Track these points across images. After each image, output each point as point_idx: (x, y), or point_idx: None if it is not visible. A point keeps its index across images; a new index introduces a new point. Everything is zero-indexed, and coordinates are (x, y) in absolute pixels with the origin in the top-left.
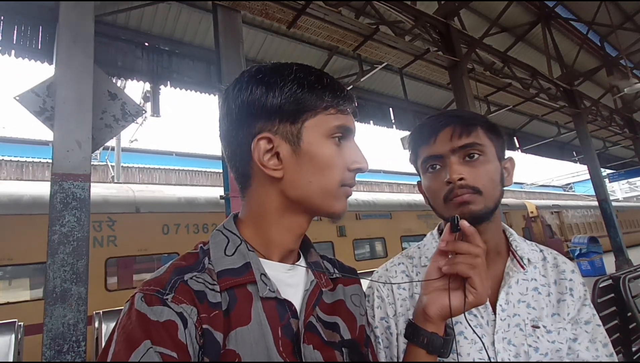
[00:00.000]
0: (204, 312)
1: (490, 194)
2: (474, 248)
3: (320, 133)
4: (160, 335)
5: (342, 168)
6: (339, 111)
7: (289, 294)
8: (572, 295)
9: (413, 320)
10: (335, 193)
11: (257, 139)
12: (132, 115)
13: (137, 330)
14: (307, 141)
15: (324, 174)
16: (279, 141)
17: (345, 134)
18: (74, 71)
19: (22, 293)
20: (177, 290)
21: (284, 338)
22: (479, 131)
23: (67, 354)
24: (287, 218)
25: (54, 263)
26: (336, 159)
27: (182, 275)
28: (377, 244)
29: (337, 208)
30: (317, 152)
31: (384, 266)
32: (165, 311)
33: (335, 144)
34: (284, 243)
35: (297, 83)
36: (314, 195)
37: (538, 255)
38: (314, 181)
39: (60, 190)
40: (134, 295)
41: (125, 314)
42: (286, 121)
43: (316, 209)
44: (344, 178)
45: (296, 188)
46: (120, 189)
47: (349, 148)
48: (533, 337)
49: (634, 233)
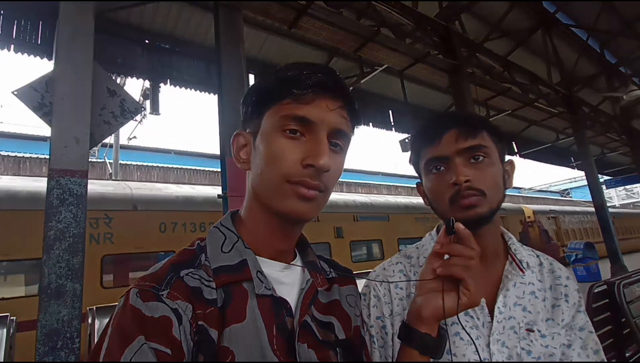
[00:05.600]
0: (200, 309)
1: (494, 197)
2: (469, 250)
3: (271, 125)
4: (155, 331)
5: (289, 161)
6: (295, 101)
7: (285, 292)
8: (567, 301)
9: (406, 321)
10: (279, 189)
11: (234, 136)
12: (131, 112)
13: (131, 325)
14: (262, 132)
15: (267, 166)
16: (248, 136)
17: (302, 125)
18: (73, 67)
19: (17, 289)
20: (173, 286)
21: (279, 336)
22: (484, 133)
23: (60, 350)
24: (259, 215)
25: (50, 259)
26: (282, 152)
27: (178, 272)
28: (374, 246)
29: (284, 207)
30: (265, 143)
31: (381, 265)
32: (160, 307)
33: (284, 136)
34: (269, 242)
35: (265, 78)
36: (261, 188)
37: (535, 260)
38: (260, 173)
39: (57, 186)
40: (129, 290)
41: (120, 309)
42: (252, 116)
43: (268, 206)
44: (291, 173)
45: (252, 179)
46: (118, 187)
47: (309, 141)
48: (527, 340)
49: (630, 239)
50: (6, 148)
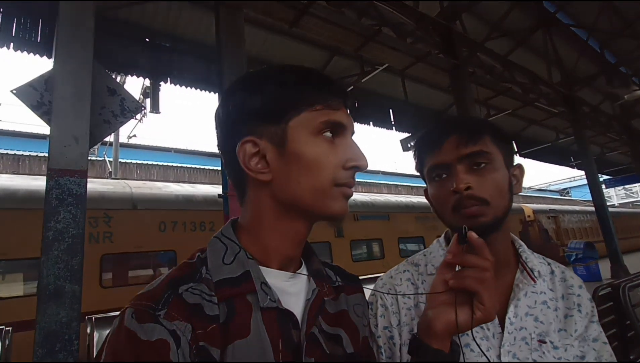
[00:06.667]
0: (200, 328)
1: (498, 204)
2: (483, 261)
3: (305, 131)
4: (150, 357)
5: (334, 166)
6: (326, 107)
7: (290, 303)
8: (579, 311)
9: (417, 335)
10: (328, 193)
11: (242, 143)
12: (131, 111)
13: (125, 350)
14: (293, 140)
15: (312, 173)
16: (265, 143)
17: (336, 130)
18: (73, 66)
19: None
20: (171, 306)
21: (284, 350)
22: (486, 138)
23: (59, 353)
24: (283, 223)
25: (48, 260)
26: (326, 157)
27: (176, 288)
28: (375, 245)
29: (334, 209)
30: (303, 151)
31: (388, 273)
32: (157, 329)
33: (325, 141)
34: (283, 250)
35: (278, 83)
36: (305, 196)
37: (546, 268)
38: (302, 181)
39: (56, 186)
40: (125, 310)
41: (115, 330)
42: (269, 123)
43: (311, 212)
44: (338, 177)
45: (286, 190)
46: (118, 186)
47: (344, 144)
48: (539, 352)
49: (630, 239)
50: (5, 146)
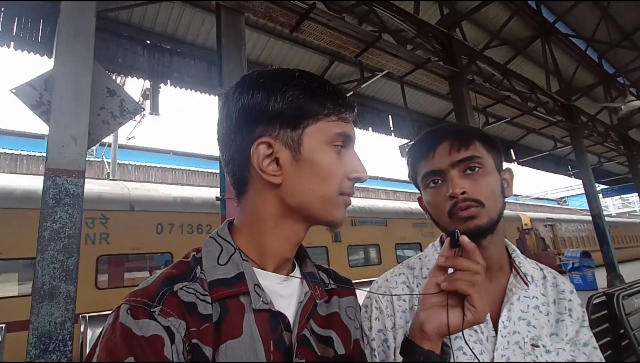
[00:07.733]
0: (194, 326)
1: (493, 206)
2: (474, 265)
3: (321, 140)
4: (145, 352)
5: (341, 176)
6: (340, 119)
7: (283, 306)
8: (570, 316)
9: (409, 336)
10: (334, 201)
11: (257, 144)
12: (131, 112)
13: (120, 345)
14: (308, 147)
15: (323, 181)
16: (279, 146)
17: (346, 142)
18: (73, 66)
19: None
20: (166, 302)
21: (276, 352)
22: (477, 144)
23: (52, 353)
24: (284, 225)
25: (44, 259)
26: (336, 167)
27: (171, 286)
28: (372, 251)
29: (336, 217)
30: (317, 159)
31: (383, 276)
32: (152, 325)
33: (334, 152)
34: (280, 252)
35: (300, 89)
36: (313, 203)
37: (539, 273)
38: (313, 188)
39: (53, 186)
40: (120, 306)
41: (110, 326)
42: (287, 127)
43: (315, 217)
44: (343, 187)
45: (295, 194)
46: (115, 187)
47: (349, 156)
48: (532, 356)
49: (626, 248)
50: (3, 145)
